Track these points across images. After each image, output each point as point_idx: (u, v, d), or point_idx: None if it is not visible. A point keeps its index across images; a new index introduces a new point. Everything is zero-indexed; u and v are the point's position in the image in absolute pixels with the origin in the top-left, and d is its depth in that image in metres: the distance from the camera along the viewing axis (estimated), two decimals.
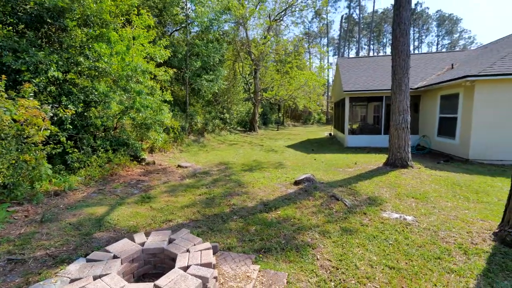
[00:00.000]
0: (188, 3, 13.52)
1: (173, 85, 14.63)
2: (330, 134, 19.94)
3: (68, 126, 5.86)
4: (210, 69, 14.81)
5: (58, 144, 5.35)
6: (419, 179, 6.18)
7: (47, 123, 4.76)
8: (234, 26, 20.17)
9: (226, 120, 19.23)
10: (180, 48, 13.51)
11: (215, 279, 2.34)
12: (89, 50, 6.79)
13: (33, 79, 5.45)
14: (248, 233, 3.70)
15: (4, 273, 2.74)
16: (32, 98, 4.95)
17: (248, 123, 23.46)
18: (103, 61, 6.81)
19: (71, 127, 6.05)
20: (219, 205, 4.84)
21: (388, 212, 4.31)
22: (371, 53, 60.58)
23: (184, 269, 2.23)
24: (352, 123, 13.37)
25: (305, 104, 25.64)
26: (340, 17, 58.12)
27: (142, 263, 2.60)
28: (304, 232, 3.68)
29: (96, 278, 2.10)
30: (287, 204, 4.76)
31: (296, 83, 20.64)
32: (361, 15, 56.99)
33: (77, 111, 6.22)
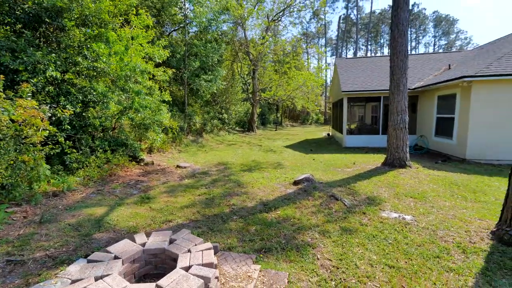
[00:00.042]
0: (187, 3, 13.50)
1: (172, 85, 14.60)
2: (328, 134, 19.99)
3: (67, 127, 5.82)
4: (209, 69, 14.79)
5: (57, 145, 5.32)
6: (417, 179, 6.23)
7: (46, 124, 4.73)
8: (233, 27, 20.17)
9: (225, 120, 19.22)
10: (179, 48, 13.49)
11: (217, 279, 2.35)
12: (88, 50, 6.76)
13: (31, 79, 5.41)
14: (248, 233, 3.71)
15: (4, 275, 2.72)
16: (30, 98, 4.92)
17: (247, 123, 23.47)
18: (102, 61, 6.77)
19: (69, 128, 6.01)
20: (219, 205, 4.84)
21: (387, 212, 4.34)
22: (369, 54, 60.90)
23: (186, 269, 2.23)
24: (350, 123, 13.42)
25: (303, 105, 25.69)
26: (338, 18, 58.29)
27: (143, 264, 2.60)
28: (304, 232, 3.70)
29: (98, 279, 2.10)
30: (287, 204, 4.78)
31: (295, 84, 20.68)
32: (359, 16, 57.25)
33: (76, 111, 6.19)
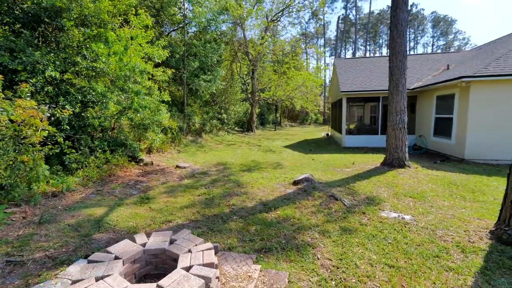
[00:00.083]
0: (186, 3, 13.49)
1: (171, 85, 14.58)
2: (327, 134, 20.03)
3: (66, 127, 5.80)
4: (208, 70, 14.79)
5: (56, 145, 5.31)
6: (416, 179, 6.25)
7: (45, 124, 4.72)
8: (232, 27, 20.17)
9: (224, 121, 19.22)
10: (178, 48, 13.47)
11: (217, 279, 2.35)
12: (87, 50, 6.74)
13: (30, 79, 5.40)
14: (248, 233, 3.71)
15: (3, 275, 2.71)
16: (29, 98, 4.90)
17: (246, 124, 23.48)
18: (101, 61, 6.76)
19: (69, 128, 5.99)
20: (219, 206, 4.84)
21: (387, 212, 4.35)
22: (368, 54, 61.07)
23: (187, 269, 2.24)
24: (349, 123, 13.45)
25: (302, 105, 25.73)
26: (337, 18, 58.35)
27: (144, 264, 2.60)
28: (304, 232, 3.70)
29: (99, 279, 2.09)
30: (287, 204, 4.79)
31: (294, 84, 20.71)
32: (358, 16, 57.41)
33: (75, 112, 6.17)
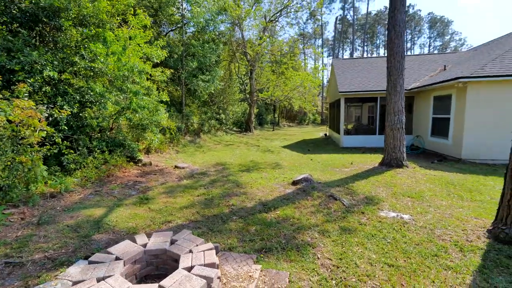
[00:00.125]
0: (184, 3, 13.47)
1: (169, 86, 14.55)
2: (326, 135, 20.09)
3: (64, 127, 5.77)
4: (206, 70, 14.77)
5: (54, 145, 5.28)
6: (414, 179, 6.30)
7: (43, 124, 4.69)
8: (230, 27, 20.16)
9: (222, 121, 19.21)
10: (176, 49, 13.44)
11: (219, 279, 2.35)
12: (85, 50, 6.71)
13: (28, 79, 5.36)
14: (248, 233, 3.72)
15: (2, 277, 2.70)
16: (27, 99, 4.87)
17: (244, 124, 23.47)
18: (99, 61, 6.73)
19: (67, 128, 5.96)
20: (218, 206, 4.85)
21: (385, 211, 4.38)
22: (365, 54, 61.36)
23: (188, 270, 2.24)
24: (347, 124, 13.51)
25: (301, 105, 25.78)
26: (335, 19, 58.63)
27: (145, 265, 2.59)
28: (304, 232, 3.72)
29: (100, 280, 2.09)
30: (286, 204, 4.80)
31: (292, 84, 20.75)
32: (355, 17, 57.67)
33: (73, 112, 6.14)
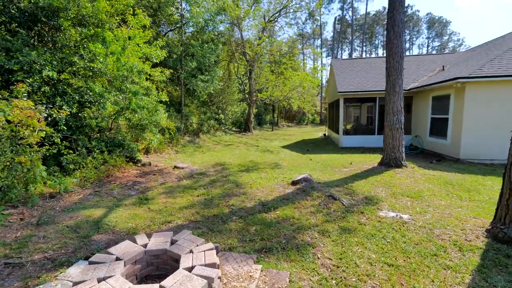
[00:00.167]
0: (183, 3, 13.47)
1: (168, 86, 14.53)
2: (325, 135, 20.12)
3: (63, 127, 5.75)
4: (206, 70, 14.77)
5: (53, 145, 5.27)
6: (413, 179, 6.33)
7: (42, 124, 4.68)
8: (229, 27, 20.17)
9: (221, 121, 19.20)
10: (175, 49, 13.44)
11: (219, 279, 2.36)
12: (84, 50, 6.69)
13: (27, 79, 5.34)
14: (248, 233, 3.73)
15: (2, 278, 2.69)
16: (26, 99, 4.86)
17: (243, 124, 23.47)
18: (98, 61, 6.72)
19: (66, 128, 5.95)
20: (218, 206, 4.85)
21: (385, 211, 4.40)
22: (364, 55, 61.52)
23: (189, 270, 2.24)
24: (346, 124, 13.54)
25: (300, 105, 25.81)
26: (334, 19, 58.80)
27: (145, 265, 2.59)
28: (304, 232, 3.73)
29: (101, 281, 2.09)
30: (286, 204, 4.81)
31: (291, 84, 20.77)
32: (354, 17, 57.76)
33: (72, 112, 6.12)
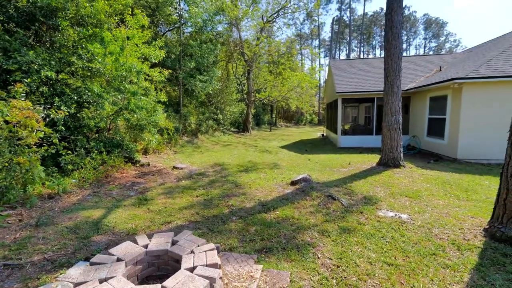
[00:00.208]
0: (182, 4, 13.44)
1: (166, 86, 14.50)
2: (323, 135, 20.18)
3: (61, 128, 5.72)
4: (204, 70, 14.76)
5: (51, 146, 5.24)
6: (411, 178, 6.37)
7: (41, 125, 4.65)
8: (228, 27, 20.16)
9: (220, 121, 19.18)
10: (174, 49, 13.42)
11: (221, 279, 2.36)
12: (82, 50, 6.66)
13: (25, 79, 5.31)
14: (249, 234, 3.73)
15: (2, 279, 2.68)
16: (24, 99, 4.83)
17: (241, 124, 23.47)
18: (97, 61, 6.69)
19: (64, 129, 5.91)
20: (218, 206, 4.85)
21: (384, 211, 4.43)
22: (361, 55, 61.80)
23: (191, 270, 2.24)
24: (345, 124, 13.60)
25: (298, 105, 25.86)
26: (331, 19, 58.93)
27: (146, 265, 2.59)
28: (304, 232, 3.74)
29: (102, 281, 2.08)
30: (285, 204, 4.82)
31: (289, 84, 20.82)
32: (352, 18, 57.99)
33: (70, 112, 6.09)
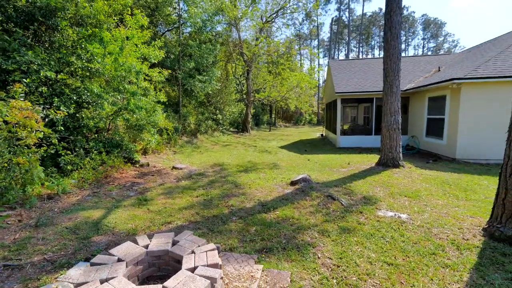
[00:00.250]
0: (181, 4, 13.44)
1: (166, 86, 14.49)
2: (322, 135, 20.21)
3: (60, 128, 5.71)
4: (203, 70, 14.75)
5: (51, 146, 5.23)
6: (411, 178, 6.40)
7: (41, 125, 4.64)
8: (227, 27, 20.16)
9: (219, 121, 19.18)
10: (173, 49, 13.40)
11: (221, 280, 2.37)
12: (82, 50, 6.65)
13: (24, 79, 5.30)
14: (249, 234, 3.74)
15: (1, 280, 2.67)
16: (23, 99, 4.82)
17: (241, 124, 23.47)
18: (96, 62, 6.68)
19: (63, 129, 5.90)
20: (217, 207, 4.85)
21: (383, 211, 4.44)
22: (361, 55, 61.96)
23: (191, 270, 2.25)
24: (344, 124, 13.62)
25: (297, 105, 25.89)
26: (330, 20, 59.11)
27: (147, 266, 2.59)
28: (304, 232, 3.75)
29: (103, 282, 2.08)
30: (285, 205, 4.83)
31: (288, 85, 20.83)
32: (350, 18, 58.11)
33: (69, 112, 6.08)
